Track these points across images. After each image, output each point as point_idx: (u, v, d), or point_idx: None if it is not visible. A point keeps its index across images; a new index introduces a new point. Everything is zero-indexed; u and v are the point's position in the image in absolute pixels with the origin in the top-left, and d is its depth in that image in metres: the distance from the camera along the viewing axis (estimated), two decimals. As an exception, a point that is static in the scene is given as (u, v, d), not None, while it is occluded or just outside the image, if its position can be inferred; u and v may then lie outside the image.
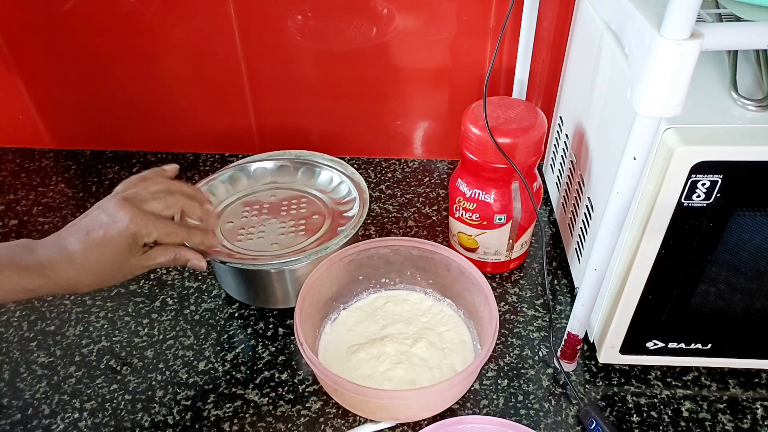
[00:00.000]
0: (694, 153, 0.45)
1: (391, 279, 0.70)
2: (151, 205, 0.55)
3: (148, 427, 0.59)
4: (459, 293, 0.66)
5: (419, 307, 0.68)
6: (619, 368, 0.63)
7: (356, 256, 0.66)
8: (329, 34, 0.81)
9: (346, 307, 0.69)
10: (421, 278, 0.69)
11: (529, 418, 0.59)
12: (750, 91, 0.50)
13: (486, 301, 0.60)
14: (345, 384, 0.53)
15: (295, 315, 0.59)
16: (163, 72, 0.87)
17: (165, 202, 0.56)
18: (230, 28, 0.81)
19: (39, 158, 0.95)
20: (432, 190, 0.88)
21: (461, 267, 0.63)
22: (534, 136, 0.63)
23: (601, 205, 0.61)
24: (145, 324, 0.69)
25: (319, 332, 0.66)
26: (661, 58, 0.38)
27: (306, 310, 0.61)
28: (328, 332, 0.66)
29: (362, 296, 0.70)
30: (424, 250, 0.66)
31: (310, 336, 0.62)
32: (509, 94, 0.84)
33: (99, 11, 0.81)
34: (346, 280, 0.68)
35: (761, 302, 0.55)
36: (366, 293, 0.70)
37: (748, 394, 0.60)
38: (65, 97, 0.91)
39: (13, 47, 0.86)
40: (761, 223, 0.49)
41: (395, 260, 0.68)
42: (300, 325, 0.58)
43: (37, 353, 0.66)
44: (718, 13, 0.48)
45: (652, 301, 0.55)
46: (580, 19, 0.71)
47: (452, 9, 0.78)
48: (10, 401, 0.61)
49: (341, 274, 0.66)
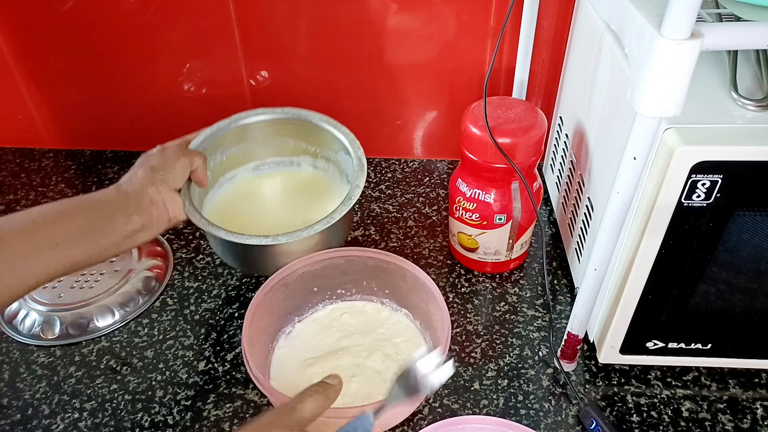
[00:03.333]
0: (694, 153, 0.45)
1: (348, 290, 0.69)
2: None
3: (148, 427, 0.59)
4: (415, 303, 0.66)
5: (376, 318, 0.68)
6: (619, 368, 0.63)
7: (310, 267, 0.65)
8: (329, 35, 0.81)
9: (302, 320, 0.68)
10: (377, 288, 0.68)
11: (529, 418, 0.59)
12: (750, 91, 0.50)
13: (440, 311, 0.59)
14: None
15: (243, 329, 0.58)
16: (163, 72, 0.87)
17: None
18: (230, 28, 0.81)
19: (39, 158, 0.95)
20: (432, 190, 0.88)
21: (416, 277, 0.63)
22: (534, 136, 0.63)
23: (601, 205, 0.61)
24: (145, 324, 0.69)
25: (272, 346, 0.64)
26: (662, 58, 0.38)
27: (257, 323, 0.60)
28: (283, 346, 0.65)
29: (318, 308, 0.69)
30: (379, 260, 0.65)
31: (262, 350, 0.61)
32: (509, 94, 0.84)
33: (99, 11, 0.81)
34: (301, 291, 0.66)
35: (761, 302, 0.55)
36: (322, 305, 0.69)
37: (748, 394, 0.60)
38: (65, 97, 0.91)
39: (13, 47, 0.86)
40: (761, 223, 0.49)
41: (351, 270, 0.67)
42: (247, 341, 0.57)
43: (37, 353, 0.66)
44: (718, 13, 0.48)
45: (652, 301, 0.55)
46: (580, 19, 0.70)
47: (452, 9, 0.78)
48: (10, 401, 0.61)
49: (295, 286, 0.65)
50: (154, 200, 0.57)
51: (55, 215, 0.52)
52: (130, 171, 0.59)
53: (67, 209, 0.53)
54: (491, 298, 0.72)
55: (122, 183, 0.58)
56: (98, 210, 0.54)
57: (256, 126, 0.74)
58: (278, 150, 0.77)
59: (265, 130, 0.75)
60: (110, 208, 0.55)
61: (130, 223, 0.55)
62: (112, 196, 0.56)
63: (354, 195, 0.64)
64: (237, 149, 0.75)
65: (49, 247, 0.50)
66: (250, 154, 0.77)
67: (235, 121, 0.72)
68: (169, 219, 0.59)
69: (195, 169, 0.63)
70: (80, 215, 0.53)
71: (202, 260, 0.77)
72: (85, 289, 0.72)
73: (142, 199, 0.57)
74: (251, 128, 0.74)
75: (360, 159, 0.68)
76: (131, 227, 0.55)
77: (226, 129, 0.72)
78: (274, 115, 0.73)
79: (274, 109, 0.73)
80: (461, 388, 0.62)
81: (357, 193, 0.64)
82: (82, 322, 0.68)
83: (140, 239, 0.57)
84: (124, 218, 0.55)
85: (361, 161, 0.68)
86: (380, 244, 0.79)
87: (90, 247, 0.53)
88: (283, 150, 0.77)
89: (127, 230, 0.55)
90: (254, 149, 0.76)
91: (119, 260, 0.75)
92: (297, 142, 0.76)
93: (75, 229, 0.52)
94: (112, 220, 0.54)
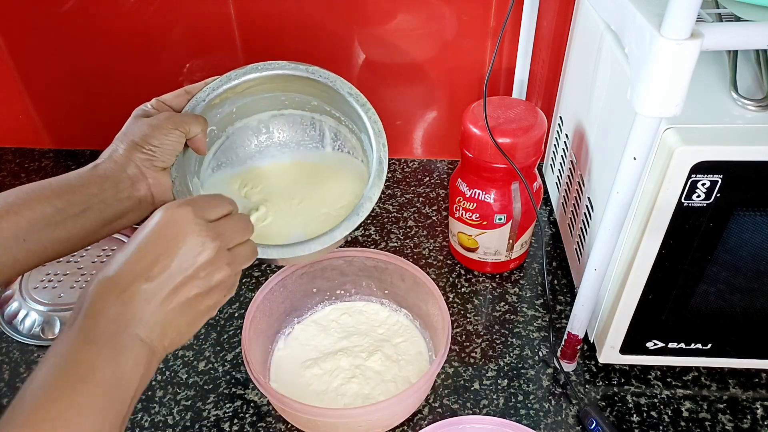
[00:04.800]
0: (694, 153, 0.45)
1: (347, 290, 0.69)
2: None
3: (148, 427, 0.59)
4: (414, 303, 0.66)
5: (375, 318, 0.68)
6: (619, 368, 0.63)
7: (309, 268, 0.65)
8: (329, 35, 0.81)
9: (301, 321, 0.68)
10: (377, 289, 0.68)
11: (529, 418, 0.59)
12: (750, 91, 0.50)
13: (439, 311, 0.59)
14: (290, 403, 0.52)
15: (243, 330, 0.57)
16: (163, 72, 0.87)
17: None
18: (230, 28, 0.81)
19: (39, 158, 0.95)
20: (432, 190, 0.88)
21: (416, 277, 0.63)
22: (534, 136, 0.63)
23: (601, 205, 0.61)
24: (145, 324, 0.69)
25: (272, 347, 0.64)
26: (662, 58, 0.38)
27: (257, 324, 0.60)
28: (282, 347, 0.65)
29: (317, 309, 0.69)
30: (378, 260, 0.65)
31: (261, 352, 0.61)
32: (509, 94, 0.84)
33: (99, 11, 0.81)
34: (301, 292, 0.66)
35: (761, 302, 0.55)
36: (321, 306, 0.69)
37: (748, 394, 0.60)
38: (65, 97, 0.91)
39: (13, 47, 0.86)
40: (761, 223, 0.49)
41: (350, 271, 0.67)
42: (247, 342, 0.56)
43: (37, 353, 0.66)
44: (718, 13, 0.48)
45: (652, 301, 0.55)
46: (580, 19, 0.70)
47: (452, 9, 0.78)
48: (10, 401, 0.61)
49: (295, 287, 0.65)
50: (136, 183, 0.50)
51: (19, 204, 0.46)
52: (111, 144, 0.51)
53: (35, 195, 0.47)
54: (491, 298, 0.72)
55: (100, 162, 0.50)
56: (70, 195, 0.48)
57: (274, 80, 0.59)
58: (299, 104, 0.62)
59: (286, 84, 0.60)
60: (84, 192, 0.48)
61: (107, 209, 0.49)
62: (86, 179, 0.49)
63: (362, 211, 0.54)
64: (249, 101, 0.61)
65: (12, 240, 0.45)
66: (265, 103, 0.62)
67: (248, 72, 0.58)
68: (154, 203, 0.52)
69: (192, 138, 0.53)
70: (47, 202, 0.47)
71: (202, 260, 0.77)
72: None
73: (121, 181, 0.50)
74: (268, 82, 0.59)
75: (381, 161, 0.55)
76: (108, 214, 0.49)
77: (238, 82, 0.58)
78: (297, 72, 0.58)
79: (297, 65, 0.58)
80: (461, 388, 0.62)
81: (367, 209, 0.54)
82: (82, 322, 0.68)
83: (119, 226, 0.51)
84: (100, 205, 0.49)
85: (381, 164, 0.55)
86: (380, 244, 0.79)
87: (61, 236, 0.47)
88: (303, 104, 0.62)
89: (103, 218, 0.49)
90: (271, 101, 0.62)
91: (119, 260, 0.75)
92: (320, 103, 0.62)
93: (41, 219, 0.46)
94: (86, 208, 0.48)
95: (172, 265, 0.40)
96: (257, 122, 0.63)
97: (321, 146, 0.64)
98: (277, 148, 0.64)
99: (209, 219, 0.43)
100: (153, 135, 0.50)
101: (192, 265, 0.41)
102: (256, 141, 0.63)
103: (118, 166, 0.50)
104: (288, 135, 0.64)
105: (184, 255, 0.41)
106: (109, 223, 0.50)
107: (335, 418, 0.54)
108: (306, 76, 0.58)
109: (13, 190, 0.47)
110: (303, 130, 0.64)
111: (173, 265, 0.40)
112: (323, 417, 0.53)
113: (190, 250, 0.41)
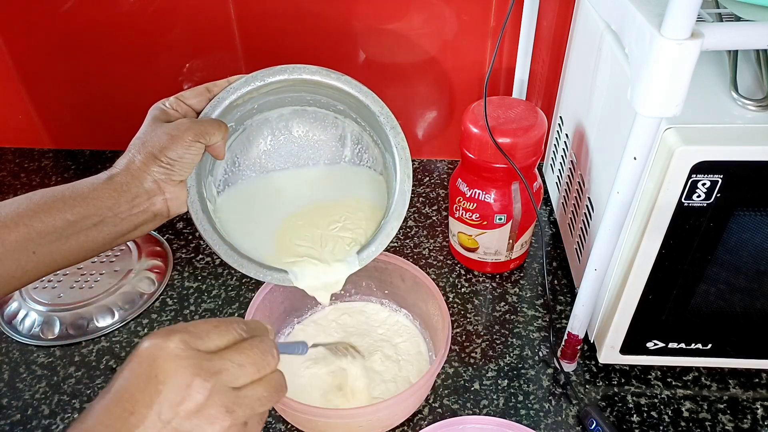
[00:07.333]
0: (694, 153, 0.45)
1: (347, 290, 0.69)
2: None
3: (148, 427, 0.59)
4: (414, 303, 0.65)
5: (375, 319, 0.67)
6: (619, 368, 0.63)
7: None
8: (329, 35, 0.81)
9: (300, 321, 0.68)
10: (376, 289, 0.68)
11: (529, 418, 0.59)
12: (750, 91, 0.50)
13: (439, 311, 0.59)
14: (290, 403, 0.51)
15: None
16: (163, 72, 0.87)
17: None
18: (230, 28, 0.81)
19: (39, 158, 0.95)
20: (432, 190, 0.88)
21: (415, 277, 0.63)
22: (534, 136, 0.63)
23: (601, 205, 0.61)
24: (145, 324, 0.69)
25: None
26: (662, 58, 0.38)
27: None
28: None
29: (317, 309, 0.68)
30: (378, 260, 0.63)
31: None
32: (509, 94, 0.84)
33: (98, 11, 0.81)
34: (300, 293, 0.64)
35: (761, 302, 0.55)
36: (321, 306, 0.69)
37: (748, 394, 0.60)
38: (65, 97, 0.91)
39: (13, 47, 0.86)
40: (761, 223, 0.49)
41: None
42: None
43: (37, 353, 0.66)
44: (718, 13, 0.48)
45: (652, 301, 0.55)
46: (580, 19, 0.70)
47: (452, 9, 0.78)
48: (9, 401, 0.61)
49: (294, 287, 0.63)
50: (152, 197, 0.49)
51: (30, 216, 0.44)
52: (127, 152, 0.49)
53: (47, 207, 0.45)
54: (491, 298, 0.72)
55: (115, 172, 0.48)
56: (82, 207, 0.46)
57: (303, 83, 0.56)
58: (324, 105, 0.60)
59: (315, 88, 0.57)
60: (98, 205, 0.46)
61: (121, 223, 0.48)
62: (101, 191, 0.47)
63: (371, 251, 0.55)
64: (273, 99, 0.58)
65: (22, 252, 0.44)
66: (288, 100, 0.59)
67: (276, 74, 0.54)
68: (169, 215, 0.51)
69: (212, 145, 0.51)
70: (59, 215, 0.45)
71: (202, 260, 0.77)
72: (84, 289, 0.72)
73: (137, 196, 0.48)
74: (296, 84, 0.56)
75: (404, 194, 0.55)
76: (122, 227, 0.48)
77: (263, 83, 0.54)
78: (328, 80, 0.55)
79: (329, 72, 0.55)
80: (461, 388, 0.62)
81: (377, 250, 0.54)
82: (82, 323, 0.68)
83: (132, 237, 0.50)
84: (114, 218, 0.47)
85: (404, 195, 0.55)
86: (380, 244, 0.79)
87: (71, 249, 0.46)
88: (328, 106, 0.60)
89: (116, 231, 0.48)
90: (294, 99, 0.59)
91: (119, 260, 0.75)
92: (346, 109, 0.59)
93: (52, 233, 0.45)
94: (99, 222, 0.47)
95: (149, 414, 0.32)
96: (278, 116, 0.60)
97: (341, 147, 0.61)
98: (294, 145, 0.61)
99: (207, 349, 0.35)
100: (172, 147, 0.48)
101: (173, 416, 0.33)
102: (272, 137, 0.61)
103: (135, 180, 0.48)
104: (307, 131, 0.61)
105: (163, 401, 0.33)
106: (121, 235, 0.49)
107: (335, 418, 0.54)
108: (338, 86, 0.55)
109: (25, 197, 0.46)
110: (324, 128, 0.61)
111: (150, 414, 0.32)
112: (323, 417, 0.53)
113: (171, 393, 0.33)
